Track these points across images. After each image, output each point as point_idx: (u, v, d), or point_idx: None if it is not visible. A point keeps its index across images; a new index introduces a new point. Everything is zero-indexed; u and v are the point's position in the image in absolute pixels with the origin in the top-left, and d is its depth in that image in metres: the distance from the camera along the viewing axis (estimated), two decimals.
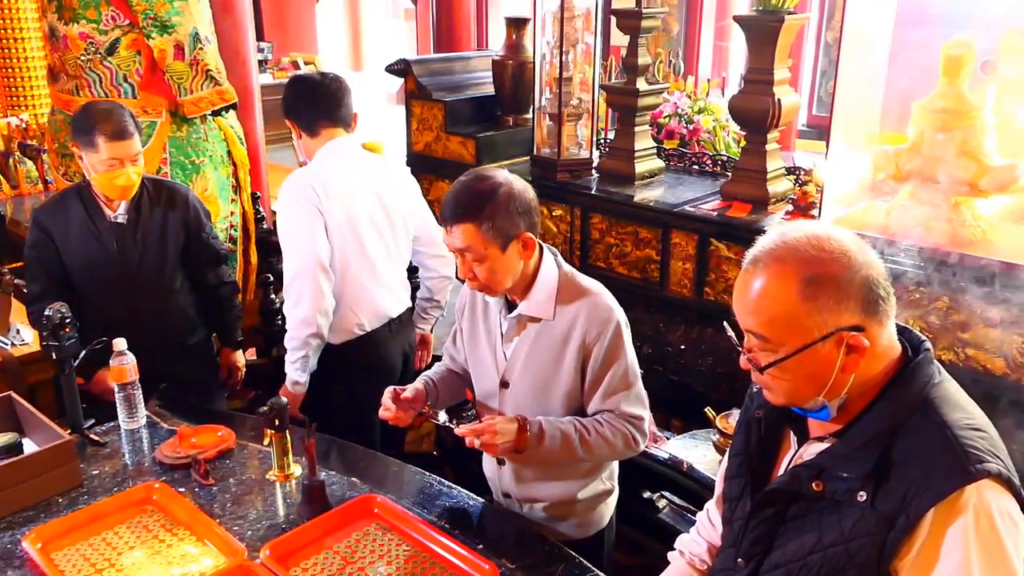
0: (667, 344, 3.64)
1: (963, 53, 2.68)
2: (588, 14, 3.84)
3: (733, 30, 7.22)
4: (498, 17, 9.04)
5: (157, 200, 2.89)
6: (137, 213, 2.84)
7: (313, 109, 2.77)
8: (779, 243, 1.31)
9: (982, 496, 1.21)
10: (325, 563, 1.88)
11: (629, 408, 2.04)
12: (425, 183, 4.59)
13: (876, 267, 1.30)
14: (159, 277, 2.89)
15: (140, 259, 2.84)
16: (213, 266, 3.07)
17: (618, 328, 2.02)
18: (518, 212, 1.93)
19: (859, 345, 1.27)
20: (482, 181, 1.95)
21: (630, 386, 2.05)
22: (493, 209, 1.90)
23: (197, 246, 2.98)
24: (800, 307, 1.27)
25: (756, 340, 1.34)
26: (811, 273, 1.27)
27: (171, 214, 2.90)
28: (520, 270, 1.99)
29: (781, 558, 1.39)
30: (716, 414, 2.79)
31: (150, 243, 2.86)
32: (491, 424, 1.95)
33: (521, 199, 1.95)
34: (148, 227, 2.86)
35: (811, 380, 1.32)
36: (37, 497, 2.11)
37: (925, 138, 2.77)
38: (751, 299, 1.32)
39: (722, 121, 4.30)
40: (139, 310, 2.82)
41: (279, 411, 2.13)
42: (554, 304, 2.02)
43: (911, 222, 2.81)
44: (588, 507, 2.20)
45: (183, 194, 2.99)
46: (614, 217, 3.72)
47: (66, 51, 3.50)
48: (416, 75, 4.52)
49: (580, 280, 2.07)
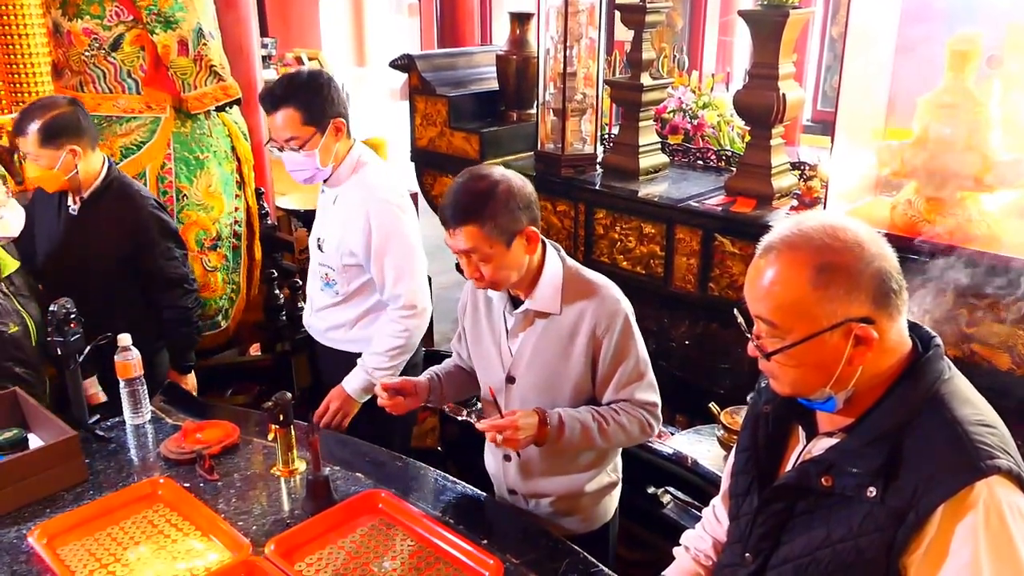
0: (671, 340, 3.64)
1: (968, 48, 2.67)
2: (592, 9, 3.83)
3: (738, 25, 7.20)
4: (502, 12, 9.03)
5: (113, 206, 2.87)
6: (89, 211, 2.85)
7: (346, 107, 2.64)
8: (794, 231, 1.31)
9: (992, 492, 1.21)
10: (330, 558, 1.88)
11: (643, 396, 2.06)
12: (429, 179, 4.60)
13: (889, 260, 1.29)
14: (103, 278, 2.88)
15: (83, 255, 2.86)
16: (162, 289, 2.99)
17: (627, 320, 2.03)
18: (519, 207, 1.93)
19: (868, 337, 1.27)
20: (480, 180, 1.94)
21: (642, 375, 2.07)
22: (494, 208, 1.89)
23: (146, 266, 2.94)
24: (810, 295, 1.27)
25: (765, 326, 1.33)
26: (823, 261, 1.27)
27: (121, 224, 2.87)
28: (526, 264, 1.99)
29: (789, 553, 1.39)
30: (720, 409, 2.78)
31: (93, 242, 2.86)
32: (512, 420, 1.95)
33: (521, 194, 1.94)
34: (95, 227, 2.86)
35: (817, 369, 1.31)
36: (43, 492, 2.11)
37: (930, 133, 2.76)
38: (763, 285, 1.32)
39: (726, 116, 4.29)
40: (90, 300, 2.72)
41: (283, 406, 2.13)
42: (560, 298, 2.02)
43: (916, 217, 2.81)
44: (594, 500, 2.20)
45: (144, 212, 2.92)
46: (618, 212, 3.71)
47: (70, 47, 3.50)
48: (420, 70, 4.52)
49: (585, 274, 2.08)
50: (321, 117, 2.50)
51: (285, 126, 2.48)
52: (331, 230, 2.67)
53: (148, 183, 3.64)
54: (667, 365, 3.60)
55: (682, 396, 3.47)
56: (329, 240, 2.67)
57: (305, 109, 2.47)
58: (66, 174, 2.78)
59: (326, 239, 2.69)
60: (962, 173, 2.70)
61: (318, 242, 2.73)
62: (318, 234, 2.75)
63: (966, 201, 2.77)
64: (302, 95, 2.47)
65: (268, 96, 2.49)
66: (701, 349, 3.53)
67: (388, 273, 2.57)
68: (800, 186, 3.45)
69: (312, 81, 2.51)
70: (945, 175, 2.73)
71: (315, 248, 2.76)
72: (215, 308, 3.92)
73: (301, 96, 2.47)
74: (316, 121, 2.49)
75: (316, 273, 2.77)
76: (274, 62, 10.73)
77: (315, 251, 2.77)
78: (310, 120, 2.48)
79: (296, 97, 2.46)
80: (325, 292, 2.74)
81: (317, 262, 2.76)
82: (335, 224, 2.65)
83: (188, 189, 3.69)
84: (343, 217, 2.62)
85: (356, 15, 13.20)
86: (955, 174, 2.71)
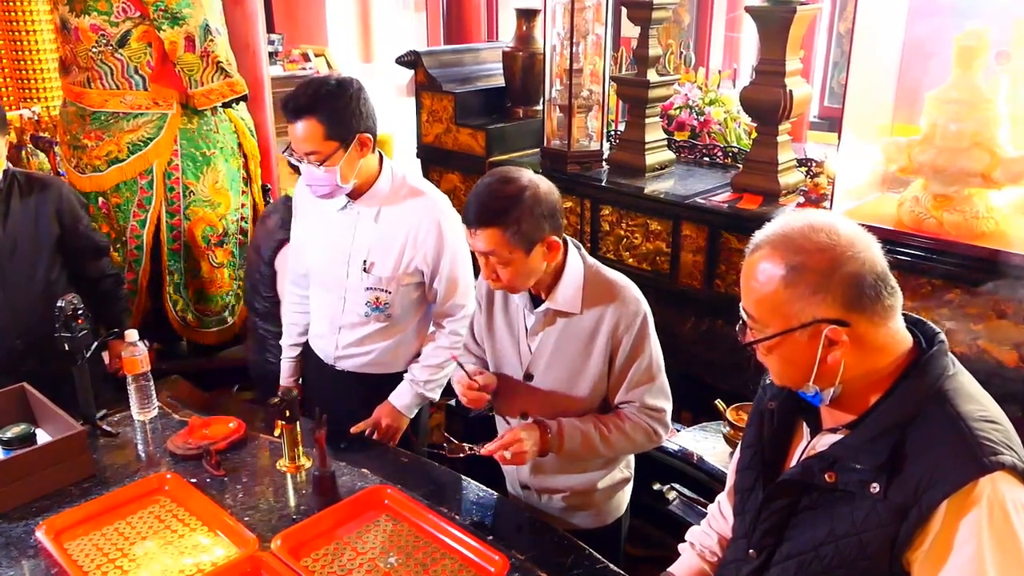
0: (677, 336, 3.63)
1: (976, 43, 2.65)
2: (599, 5, 3.82)
3: (745, 21, 7.18)
4: (508, 8, 9.02)
5: (28, 191, 2.78)
6: (6, 205, 2.74)
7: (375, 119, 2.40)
8: (778, 229, 1.36)
9: (996, 488, 1.21)
10: (336, 554, 1.89)
11: (651, 400, 2.05)
12: (435, 175, 4.59)
13: (871, 263, 1.29)
14: (32, 270, 2.79)
15: (11, 251, 2.73)
16: (92, 258, 2.94)
17: (645, 320, 2.03)
18: (543, 216, 1.90)
19: (838, 339, 1.29)
20: (508, 184, 1.90)
21: (653, 378, 2.06)
22: (519, 214, 1.87)
23: (73, 238, 2.87)
24: (781, 293, 1.31)
25: (747, 318, 1.39)
26: (795, 262, 1.30)
27: (42, 206, 2.79)
28: (543, 270, 1.98)
29: (793, 549, 1.39)
30: (726, 406, 2.78)
31: (21, 235, 2.75)
32: (514, 435, 1.95)
33: (547, 201, 1.92)
34: (18, 218, 2.75)
35: (793, 365, 1.35)
36: (50, 487, 2.12)
37: (938, 129, 2.75)
38: (746, 278, 1.38)
39: (733, 113, 4.28)
40: (14, 303, 2.70)
41: (290, 402, 2.14)
42: (581, 298, 2.01)
43: (923, 214, 2.80)
44: (607, 496, 2.21)
45: (56, 186, 2.88)
46: (624, 209, 3.71)
47: (77, 43, 3.51)
48: (426, 67, 4.51)
49: (606, 273, 2.07)
50: (346, 132, 2.28)
51: (306, 139, 2.25)
52: (382, 249, 2.43)
53: (155, 179, 3.65)
54: (672, 362, 3.57)
55: (688, 393, 3.46)
56: (383, 261, 2.42)
57: (329, 122, 2.24)
58: None
59: (376, 260, 2.42)
60: (970, 169, 2.69)
61: (364, 265, 2.43)
62: (357, 256, 2.44)
63: (973, 198, 2.75)
64: (327, 106, 2.24)
65: (292, 103, 2.25)
66: (707, 346, 3.52)
67: (459, 284, 2.45)
68: (807, 183, 3.44)
69: (340, 91, 2.27)
70: (952, 171, 2.72)
71: (353, 272, 2.46)
72: (221, 304, 3.93)
73: (326, 107, 2.24)
74: (340, 136, 2.26)
75: (353, 299, 2.48)
76: (280, 58, 10.77)
77: (352, 275, 2.46)
78: (334, 135, 2.26)
79: (320, 108, 2.23)
80: (371, 317, 2.48)
81: (363, 287, 2.45)
82: (386, 243, 2.42)
83: (195, 185, 3.70)
84: (399, 234, 2.41)
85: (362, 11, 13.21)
86: (962, 170, 2.70)
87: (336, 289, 2.50)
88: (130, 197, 3.66)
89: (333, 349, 2.57)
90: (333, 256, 2.48)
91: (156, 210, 3.70)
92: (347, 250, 2.45)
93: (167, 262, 3.79)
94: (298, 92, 2.27)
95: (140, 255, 3.73)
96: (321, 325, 2.60)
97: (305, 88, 2.27)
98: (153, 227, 3.72)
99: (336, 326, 2.54)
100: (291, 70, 10.40)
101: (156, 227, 3.73)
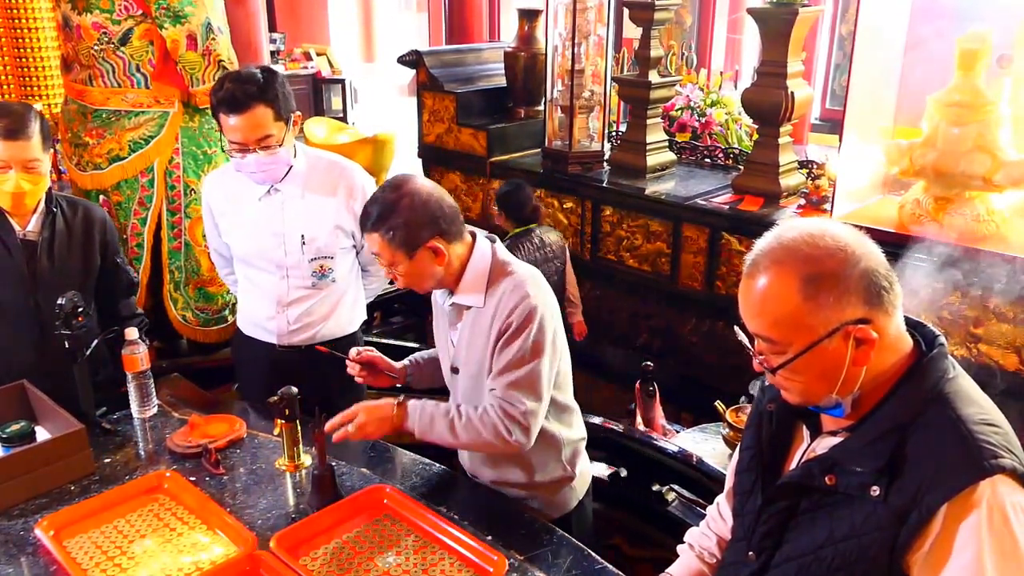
0: (677, 337, 3.64)
1: (978, 46, 2.66)
2: (601, 6, 3.83)
3: (747, 23, 7.18)
4: (510, 9, 9.03)
5: (73, 218, 2.54)
6: (51, 232, 2.48)
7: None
8: (775, 245, 1.32)
9: (996, 491, 1.21)
10: (335, 553, 1.89)
11: (513, 391, 1.98)
12: (436, 175, 4.60)
13: (875, 258, 1.29)
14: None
15: (55, 283, 2.44)
16: (126, 295, 2.75)
17: (532, 313, 1.97)
18: (420, 224, 1.95)
19: (867, 337, 1.27)
20: (390, 191, 1.98)
21: (518, 369, 1.98)
22: (395, 221, 1.94)
23: (111, 272, 2.67)
24: (802, 307, 1.27)
25: (765, 343, 1.34)
26: (810, 272, 1.27)
27: (88, 235, 2.57)
28: (440, 272, 2.01)
29: (792, 552, 1.39)
30: (726, 407, 2.78)
31: (68, 266, 2.51)
32: (355, 410, 2.05)
33: (424, 210, 1.95)
34: (65, 248, 2.51)
35: (823, 377, 1.32)
36: (50, 484, 2.12)
37: (940, 132, 2.75)
38: (755, 303, 1.33)
39: (734, 114, 4.29)
40: (48, 339, 2.41)
41: (289, 401, 2.14)
42: (484, 291, 2.04)
43: (924, 217, 2.80)
44: (550, 491, 2.20)
45: (100, 215, 2.65)
46: (625, 210, 3.71)
47: (79, 41, 3.51)
48: (428, 66, 4.52)
49: (511, 267, 2.06)
50: (287, 112, 2.46)
51: (260, 125, 2.38)
52: (316, 222, 2.58)
53: (156, 178, 3.65)
54: (672, 363, 3.60)
55: (687, 394, 3.47)
56: (319, 231, 2.57)
57: (275, 105, 2.40)
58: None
59: (313, 234, 2.57)
60: (971, 172, 2.69)
61: (302, 240, 2.56)
62: (292, 235, 2.56)
63: (974, 200, 2.76)
64: (271, 91, 2.40)
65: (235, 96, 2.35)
66: (707, 347, 3.52)
67: None
68: (808, 185, 3.44)
69: (273, 76, 2.44)
70: (954, 174, 2.72)
71: (292, 250, 2.58)
72: (222, 303, 3.93)
73: (270, 91, 2.40)
74: (285, 117, 2.44)
75: (296, 274, 2.60)
76: (282, 57, 10.77)
77: (291, 253, 2.58)
78: (282, 115, 2.43)
79: (267, 93, 2.38)
80: (318, 286, 2.63)
81: (306, 259, 2.58)
82: (318, 214, 2.58)
83: (196, 184, 3.70)
84: (327, 204, 2.58)
85: (365, 11, 13.23)
86: (964, 173, 2.70)
87: (276, 271, 2.62)
88: (131, 195, 3.67)
89: (285, 325, 2.67)
90: (266, 241, 2.60)
91: (157, 208, 3.70)
92: (280, 232, 2.58)
93: (167, 260, 3.79)
94: (236, 86, 2.37)
95: (141, 253, 3.73)
96: (266, 307, 2.68)
97: (242, 81, 2.38)
98: (154, 225, 3.72)
99: (284, 304, 2.65)
100: (293, 69, 10.40)
101: (157, 225, 3.73)
